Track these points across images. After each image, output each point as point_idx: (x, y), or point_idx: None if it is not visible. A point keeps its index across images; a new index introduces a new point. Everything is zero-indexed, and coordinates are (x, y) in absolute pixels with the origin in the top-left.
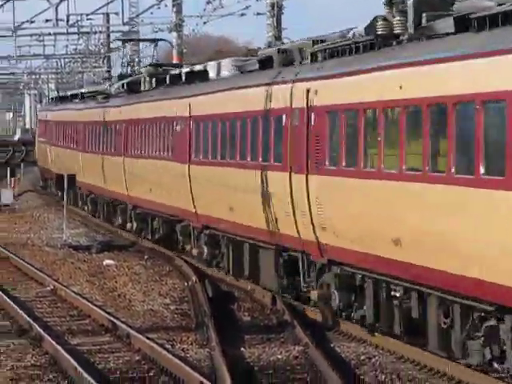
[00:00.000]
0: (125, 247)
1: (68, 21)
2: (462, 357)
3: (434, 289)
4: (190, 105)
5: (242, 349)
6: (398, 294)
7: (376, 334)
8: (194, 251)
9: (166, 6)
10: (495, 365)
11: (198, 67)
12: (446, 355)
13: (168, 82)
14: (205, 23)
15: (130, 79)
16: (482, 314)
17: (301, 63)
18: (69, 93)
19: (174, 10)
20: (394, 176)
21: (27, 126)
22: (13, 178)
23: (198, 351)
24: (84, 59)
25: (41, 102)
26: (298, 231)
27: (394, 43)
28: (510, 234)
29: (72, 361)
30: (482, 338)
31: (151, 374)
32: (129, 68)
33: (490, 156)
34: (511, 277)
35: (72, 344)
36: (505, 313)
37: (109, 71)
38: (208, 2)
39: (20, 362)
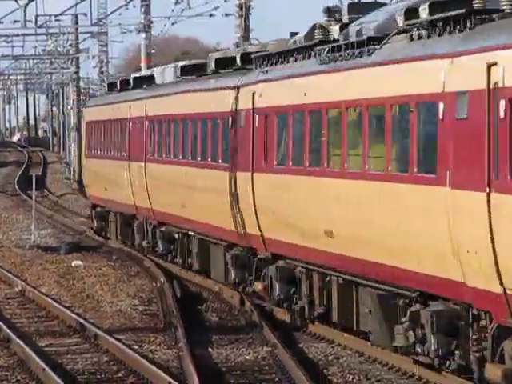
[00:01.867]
0: (93, 248)
1: (36, 22)
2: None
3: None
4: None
5: (210, 349)
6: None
7: (344, 334)
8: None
9: (134, 6)
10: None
11: None
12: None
13: None
14: (173, 24)
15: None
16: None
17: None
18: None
19: (143, 10)
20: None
21: None
22: None
23: (166, 352)
24: (53, 60)
25: (9, 102)
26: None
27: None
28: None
29: (40, 362)
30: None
31: (119, 374)
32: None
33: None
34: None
35: (40, 345)
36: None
37: (77, 72)
38: (176, 3)
39: None
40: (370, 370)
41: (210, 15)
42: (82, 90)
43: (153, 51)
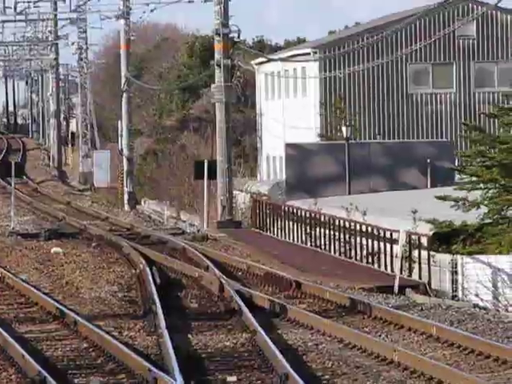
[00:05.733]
0: (73, 235)
1: (16, 8)
2: None
3: None
4: None
5: (190, 336)
6: None
7: (324, 320)
8: None
9: None
10: None
11: None
12: None
13: None
14: (152, 11)
15: None
16: None
17: None
18: None
19: None
20: None
21: None
22: None
23: (145, 338)
24: (32, 47)
25: None
26: None
27: None
28: None
29: (19, 348)
30: None
31: (99, 361)
32: None
33: None
34: None
35: (19, 332)
36: None
37: (56, 59)
38: None
39: None
40: (350, 357)
41: (189, 1)
42: (62, 77)
43: (132, 38)
